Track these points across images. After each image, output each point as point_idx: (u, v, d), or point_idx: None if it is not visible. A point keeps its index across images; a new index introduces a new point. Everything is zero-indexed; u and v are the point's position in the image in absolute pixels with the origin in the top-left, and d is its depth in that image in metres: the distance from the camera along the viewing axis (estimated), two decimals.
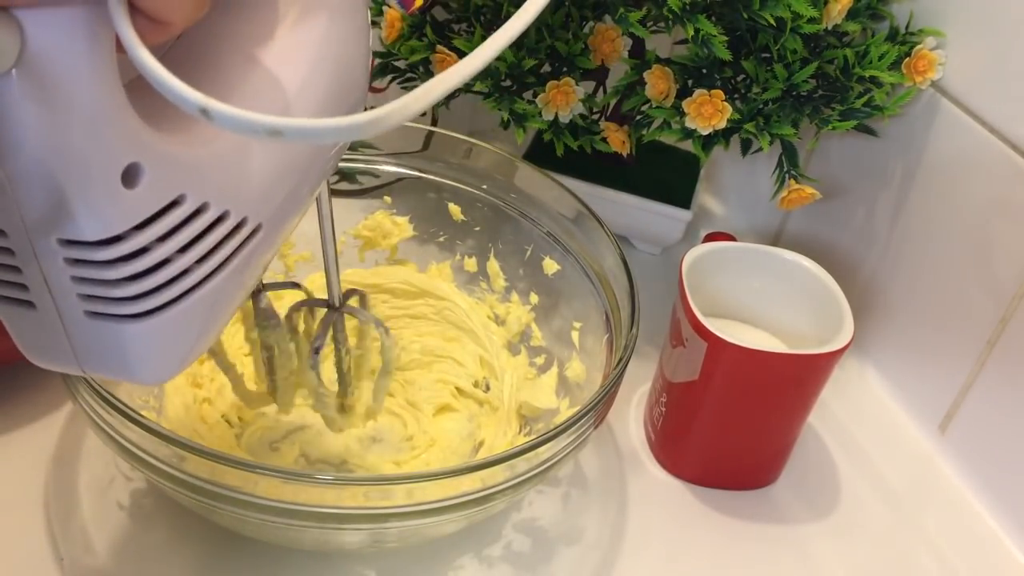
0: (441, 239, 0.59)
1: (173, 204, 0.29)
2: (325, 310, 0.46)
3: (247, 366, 0.48)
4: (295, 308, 0.46)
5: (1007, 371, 0.54)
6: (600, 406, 0.43)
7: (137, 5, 0.25)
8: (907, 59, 0.56)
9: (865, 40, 0.57)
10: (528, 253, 0.56)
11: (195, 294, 0.31)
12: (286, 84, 0.33)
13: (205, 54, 0.32)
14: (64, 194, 0.26)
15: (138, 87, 0.26)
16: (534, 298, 0.56)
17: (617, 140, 0.59)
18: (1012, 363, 0.53)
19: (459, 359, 0.56)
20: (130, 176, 0.27)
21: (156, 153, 0.28)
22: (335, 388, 0.48)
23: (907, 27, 0.57)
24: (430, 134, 0.58)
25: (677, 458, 0.55)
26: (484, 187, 0.57)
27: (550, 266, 0.55)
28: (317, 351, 0.45)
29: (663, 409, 0.54)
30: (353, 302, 0.46)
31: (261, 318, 0.44)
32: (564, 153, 0.60)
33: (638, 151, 0.61)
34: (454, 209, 0.57)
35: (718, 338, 0.49)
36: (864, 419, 0.61)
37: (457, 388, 0.55)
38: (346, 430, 0.50)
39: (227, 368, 0.46)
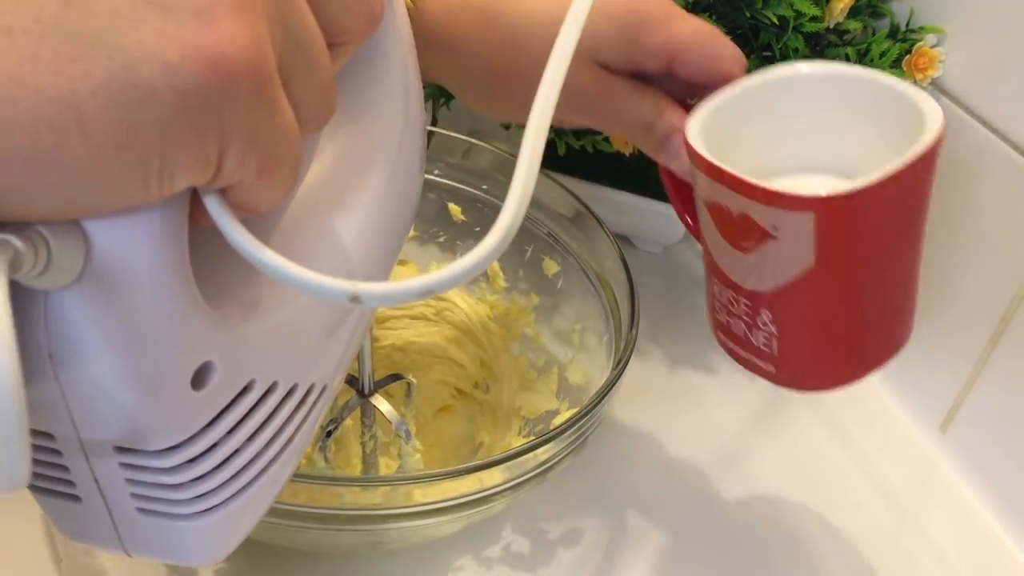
0: (441, 239, 0.59)
1: (242, 393, 0.26)
2: (353, 393, 0.44)
3: None
4: None
5: (1009, 371, 0.54)
6: (600, 407, 0.43)
7: (234, 202, 0.22)
8: (908, 56, 0.56)
9: (866, 38, 0.57)
10: (528, 253, 0.56)
11: (263, 478, 0.28)
12: (342, 234, 0.30)
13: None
14: (127, 406, 0.23)
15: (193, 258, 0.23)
16: (534, 299, 0.56)
17: (620, 139, 0.59)
18: (1014, 363, 0.53)
19: (459, 360, 0.56)
20: (201, 377, 0.25)
21: (226, 345, 0.25)
22: (355, 467, 0.47)
23: (907, 24, 0.57)
24: (430, 134, 0.58)
25: (824, 366, 0.44)
26: (484, 187, 0.57)
27: (550, 266, 0.55)
28: (329, 435, 0.44)
29: (773, 329, 0.42)
30: (394, 391, 0.44)
31: None
32: (564, 153, 0.60)
33: (639, 150, 0.61)
34: (454, 209, 0.57)
35: (825, 199, 0.35)
36: (864, 419, 0.61)
37: (457, 389, 0.55)
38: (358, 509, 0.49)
39: None
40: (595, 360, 0.51)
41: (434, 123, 0.70)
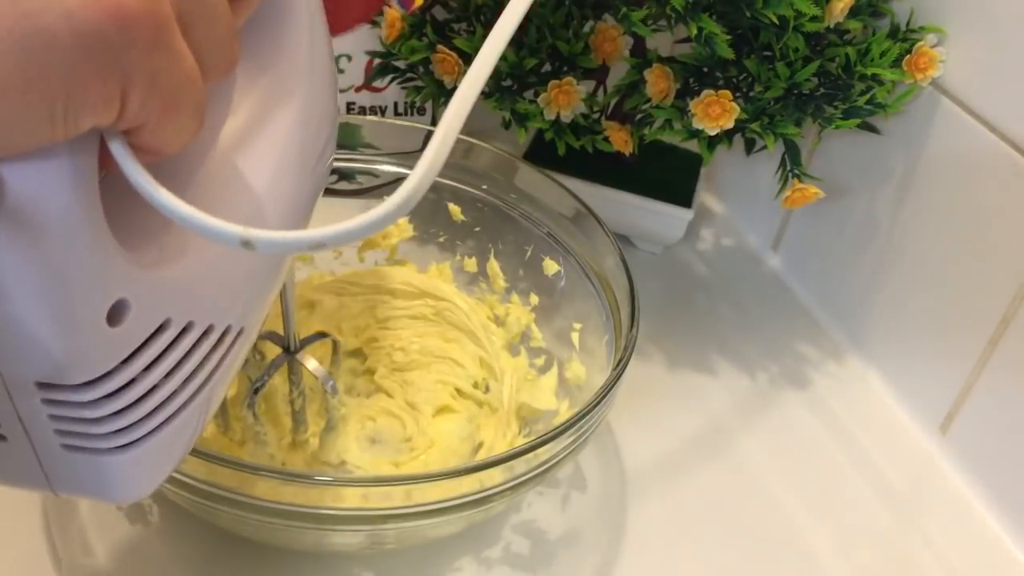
0: (441, 239, 0.59)
1: (158, 331, 0.27)
2: (280, 350, 0.45)
3: None
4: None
5: (1009, 371, 0.54)
6: (600, 407, 0.43)
7: (140, 145, 0.24)
8: (908, 56, 0.56)
9: (866, 38, 0.57)
10: (528, 253, 0.56)
11: (181, 415, 0.29)
12: (256, 182, 0.31)
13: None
14: (45, 342, 0.24)
15: (106, 202, 0.24)
16: (534, 299, 0.56)
17: (620, 139, 0.59)
18: (1014, 363, 0.53)
19: (459, 360, 0.56)
20: (116, 314, 0.25)
21: (140, 283, 0.26)
22: (285, 423, 0.47)
23: (908, 24, 0.57)
24: (430, 134, 0.58)
25: None
26: (484, 187, 0.57)
27: (550, 266, 0.55)
28: (256, 391, 0.44)
29: None
30: (320, 348, 0.45)
31: None
32: (564, 153, 0.60)
33: (639, 150, 0.61)
34: (454, 209, 0.57)
35: None
36: (864, 419, 0.61)
37: (457, 389, 0.55)
38: (288, 465, 0.49)
39: None
40: (595, 360, 0.51)
41: (434, 123, 0.70)
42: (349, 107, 0.69)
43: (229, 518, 0.41)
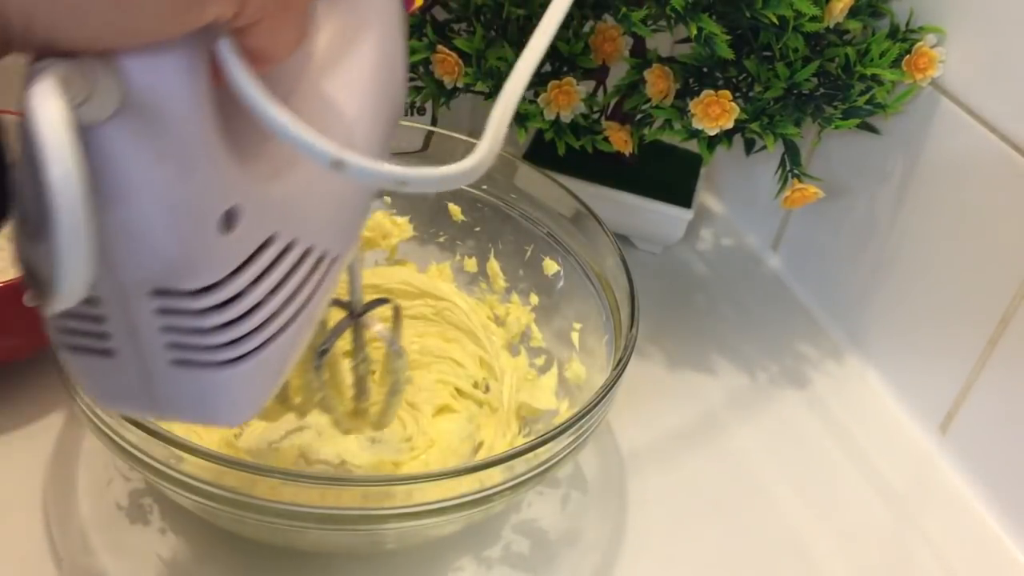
0: (441, 239, 0.59)
1: (265, 244, 0.28)
2: (345, 313, 0.45)
3: None
4: None
5: (1008, 371, 0.54)
6: (600, 407, 0.43)
7: (248, 46, 0.24)
8: (907, 56, 0.56)
9: (866, 38, 0.57)
10: (528, 253, 0.56)
11: (283, 334, 0.30)
12: (346, 111, 0.32)
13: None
14: (164, 244, 0.25)
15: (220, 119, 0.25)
16: (534, 299, 0.56)
17: (620, 139, 0.59)
18: (1013, 363, 0.53)
19: (459, 360, 0.56)
20: (230, 220, 0.26)
21: (251, 193, 0.27)
22: (350, 389, 0.47)
23: (907, 24, 0.57)
24: (430, 134, 0.58)
25: None
26: (484, 187, 0.57)
27: (550, 266, 0.55)
28: (323, 354, 0.44)
29: None
30: (383, 312, 0.45)
31: None
32: (564, 153, 0.60)
33: (639, 150, 0.61)
34: (454, 209, 0.57)
35: None
36: (864, 419, 0.61)
37: (457, 389, 0.55)
38: (352, 433, 0.49)
39: None
40: (595, 360, 0.51)
41: (434, 123, 0.70)
42: None
43: (229, 518, 0.41)
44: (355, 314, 0.45)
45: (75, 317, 0.28)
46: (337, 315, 0.46)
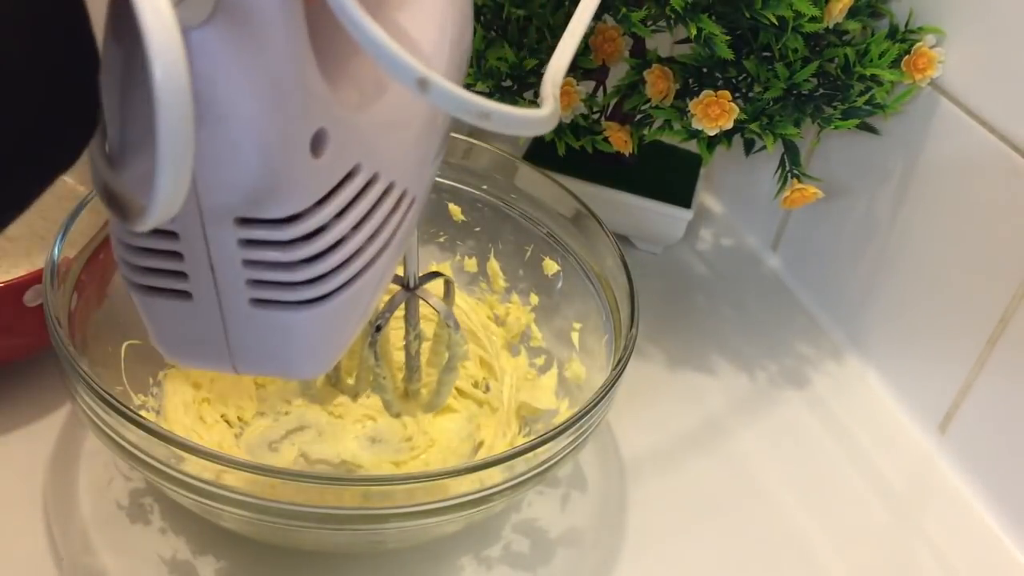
0: (441, 239, 0.59)
1: (349, 175, 0.27)
2: (399, 288, 0.43)
3: None
4: None
5: (1008, 371, 0.54)
6: (600, 407, 0.43)
7: None
8: (907, 57, 0.56)
9: (865, 38, 0.57)
10: (528, 253, 0.56)
11: (365, 275, 0.29)
12: (423, 47, 0.31)
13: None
14: (252, 163, 0.24)
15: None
16: (534, 299, 0.56)
17: (620, 140, 0.59)
18: (1013, 363, 0.53)
19: None
20: (317, 144, 0.25)
21: (338, 118, 0.26)
22: (399, 371, 0.46)
23: (907, 25, 0.57)
24: None
25: None
26: (484, 187, 0.57)
27: (550, 266, 0.55)
28: (378, 329, 0.43)
29: None
30: (435, 287, 0.44)
31: None
32: (564, 153, 0.60)
33: (639, 150, 0.61)
34: (454, 209, 0.57)
35: None
36: (864, 419, 0.61)
37: (457, 388, 0.55)
38: (404, 416, 0.48)
39: None
40: (595, 360, 0.51)
41: None
42: None
43: (230, 517, 0.41)
44: (409, 287, 0.43)
45: (152, 254, 0.27)
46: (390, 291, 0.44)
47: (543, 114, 0.25)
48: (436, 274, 0.45)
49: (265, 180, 0.25)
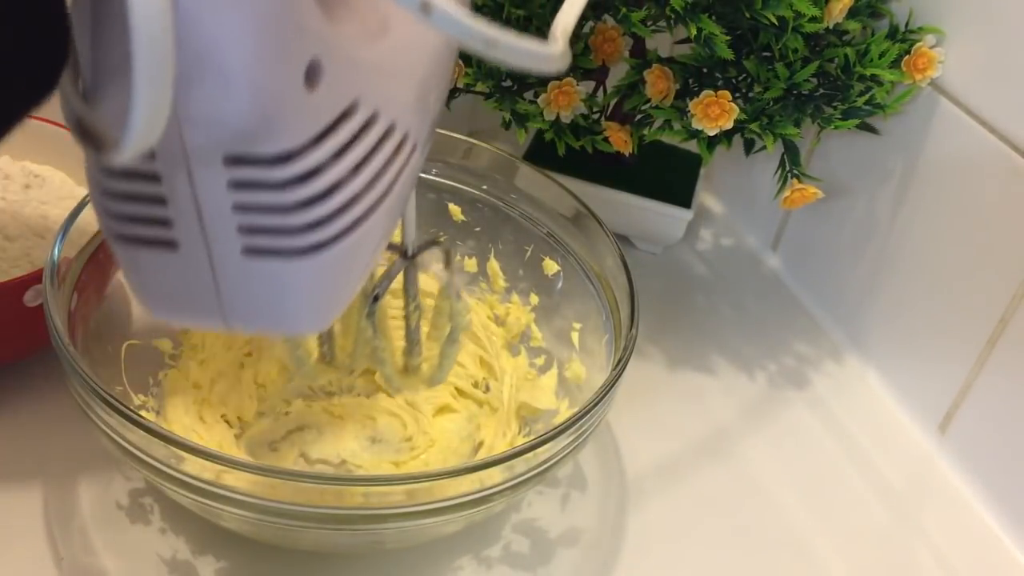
0: (441, 239, 0.59)
1: (347, 113, 0.25)
2: (396, 257, 0.41)
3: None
4: None
5: (1008, 371, 0.54)
6: (600, 407, 0.43)
7: None
8: (907, 57, 0.56)
9: (865, 38, 0.57)
10: (528, 253, 0.56)
11: (365, 223, 0.27)
12: None
13: None
14: (242, 92, 0.22)
15: None
16: (534, 299, 0.56)
17: (620, 140, 0.59)
18: (1013, 363, 0.53)
19: (459, 359, 0.56)
20: (312, 75, 0.23)
21: (335, 49, 0.24)
22: (399, 345, 0.44)
23: (907, 25, 0.57)
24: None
25: None
26: (484, 187, 0.57)
27: (550, 266, 0.55)
28: (376, 299, 0.41)
29: None
30: (434, 256, 0.42)
31: None
32: (564, 153, 0.60)
33: (638, 151, 0.61)
34: (454, 209, 0.57)
35: None
36: (863, 418, 0.61)
37: (457, 389, 0.55)
38: (404, 391, 0.45)
39: (295, 341, 0.42)
40: (595, 360, 0.51)
41: None
42: None
43: (230, 517, 0.41)
44: (407, 255, 0.41)
45: (134, 200, 0.25)
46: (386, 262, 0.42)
47: (552, 50, 0.24)
48: (435, 242, 0.43)
49: (255, 112, 0.23)
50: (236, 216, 0.25)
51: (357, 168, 0.26)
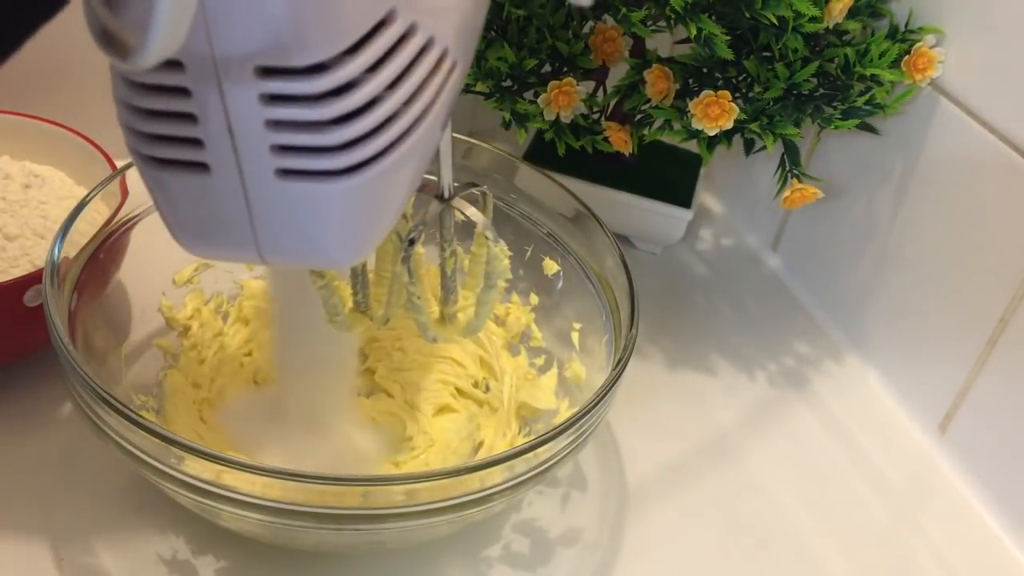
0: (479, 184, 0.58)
1: (383, 23, 0.24)
2: (433, 201, 0.40)
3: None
4: None
5: (1007, 371, 0.54)
6: (600, 407, 0.43)
7: None
8: (907, 57, 0.56)
9: (865, 38, 0.57)
10: (528, 253, 0.56)
11: (404, 144, 0.26)
12: None
13: None
14: (274, 1, 0.21)
15: None
16: (534, 298, 0.56)
17: (620, 140, 0.59)
18: (1012, 363, 0.53)
19: (459, 359, 0.56)
20: None
21: None
22: (433, 294, 0.43)
23: (907, 25, 0.57)
24: None
25: None
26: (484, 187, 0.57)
27: (550, 266, 0.55)
28: (412, 242, 0.39)
29: None
30: (469, 199, 0.40)
31: None
32: (564, 153, 0.60)
33: (639, 150, 0.61)
34: None
35: None
36: (863, 419, 0.61)
37: (457, 388, 0.55)
38: (440, 341, 0.44)
39: (329, 288, 0.40)
40: (595, 360, 0.51)
41: None
42: None
43: (229, 517, 0.41)
44: (444, 198, 0.40)
45: (163, 118, 0.24)
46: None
47: None
48: (473, 184, 0.41)
49: (286, 18, 0.22)
50: (269, 134, 0.24)
51: (394, 84, 0.25)
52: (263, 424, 0.50)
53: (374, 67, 0.24)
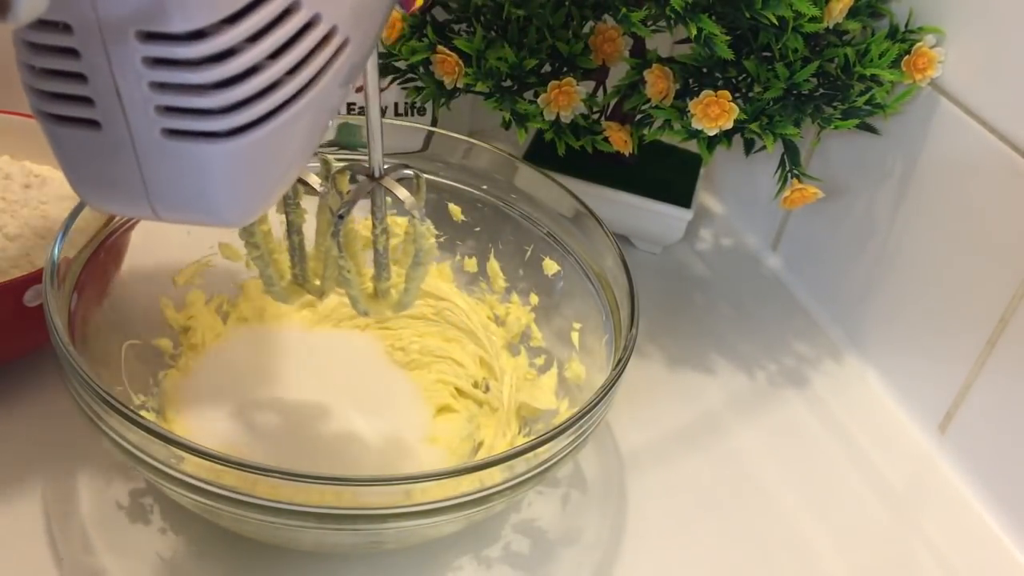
0: (441, 239, 0.59)
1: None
2: (364, 178, 0.42)
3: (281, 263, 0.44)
4: (328, 176, 0.42)
5: (1007, 371, 0.54)
6: (600, 407, 0.43)
7: None
8: (907, 57, 0.56)
9: (865, 38, 0.57)
10: (528, 253, 0.56)
11: (286, 111, 0.27)
12: None
13: None
14: None
15: None
16: (534, 299, 0.56)
17: (619, 139, 0.59)
18: (1012, 363, 0.53)
19: (459, 359, 0.56)
20: None
21: None
22: (367, 269, 0.44)
23: (907, 25, 0.57)
24: (430, 134, 0.58)
25: None
26: (484, 187, 0.57)
27: (550, 266, 0.55)
28: (341, 217, 0.41)
29: None
30: (404, 180, 0.42)
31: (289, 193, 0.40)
32: (564, 153, 0.60)
33: (638, 150, 0.61)
34: (454, 209, 0.57)
35: None
36: (863, 418, 0.61)
37: (457, 388, 0.55)
38: (370, 315, 0.46)
39: (264, 260, 0.43)
40: (595, 360, 0.51)
41: (434, 123, 0.70)
42: (350, 107, 0.69)
43: (229, 517, 0.41)
44: (374, 177, 0.42)
45: (56, 77, 0.25)
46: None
47: None
48: (403, 165, 0.43)
49: None
50: (153, 95, 0.25)
51: (276, 55, 0.27)
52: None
53: (254, 37, 0.26)
